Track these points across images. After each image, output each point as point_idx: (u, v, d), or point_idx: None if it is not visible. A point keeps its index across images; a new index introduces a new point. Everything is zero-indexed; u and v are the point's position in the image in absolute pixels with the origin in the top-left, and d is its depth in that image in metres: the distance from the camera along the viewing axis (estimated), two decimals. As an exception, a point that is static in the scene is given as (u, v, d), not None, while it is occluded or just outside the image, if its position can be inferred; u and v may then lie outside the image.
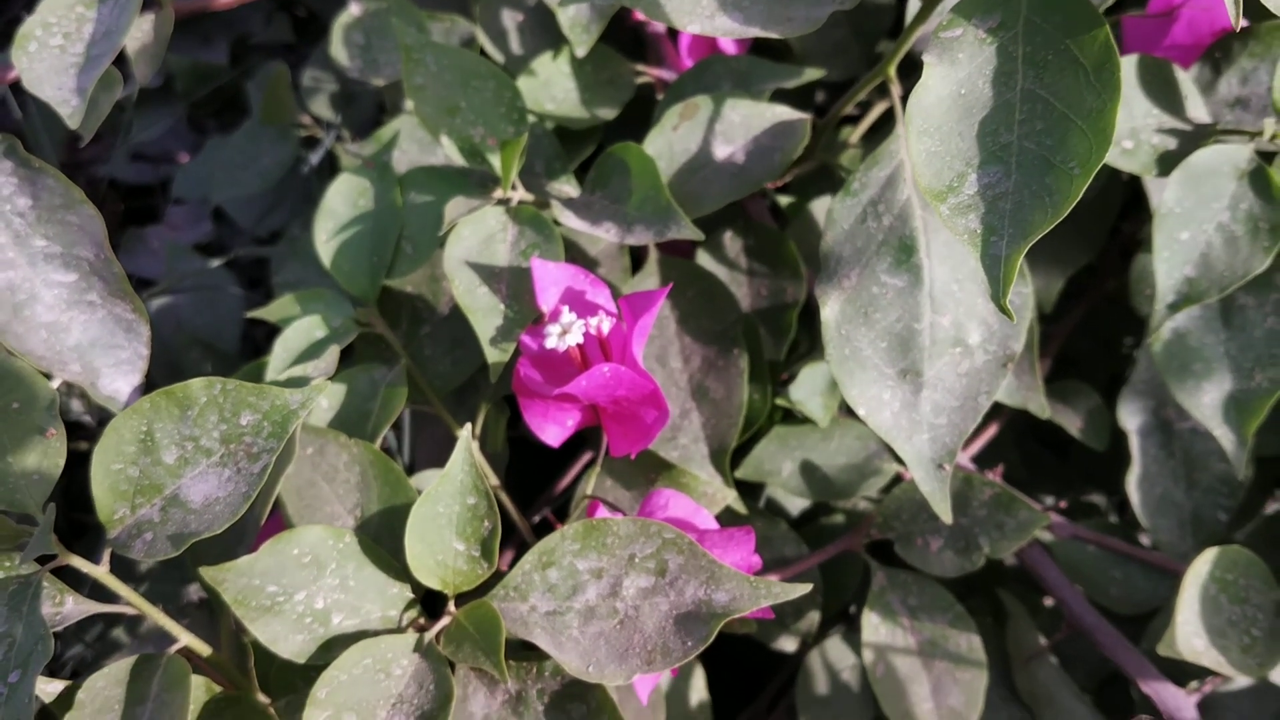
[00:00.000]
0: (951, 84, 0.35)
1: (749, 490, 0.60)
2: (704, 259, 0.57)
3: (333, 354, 0.47)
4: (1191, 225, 0.45)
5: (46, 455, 0.40)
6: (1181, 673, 0.52)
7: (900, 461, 0.55)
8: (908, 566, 0.53)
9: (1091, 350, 0.67)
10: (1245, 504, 0.58)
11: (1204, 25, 0.54)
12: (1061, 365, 0.66)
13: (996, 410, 0.60)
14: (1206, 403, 0.49)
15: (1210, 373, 0.49)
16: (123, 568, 0.62)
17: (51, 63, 0.48)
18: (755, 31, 0.39)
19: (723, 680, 0.61)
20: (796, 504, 0.63)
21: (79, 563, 0.39)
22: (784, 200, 0.60)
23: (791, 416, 0.58)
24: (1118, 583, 0.56)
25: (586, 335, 0.46)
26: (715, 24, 0.39)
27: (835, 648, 0.57)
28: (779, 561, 0.56)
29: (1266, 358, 0.49)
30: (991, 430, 0.60)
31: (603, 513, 0.46)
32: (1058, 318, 0.63)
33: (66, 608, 0.40)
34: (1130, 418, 0.57)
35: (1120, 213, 0.62)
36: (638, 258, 0.56)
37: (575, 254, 0.55)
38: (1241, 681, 0.53)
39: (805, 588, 0.40)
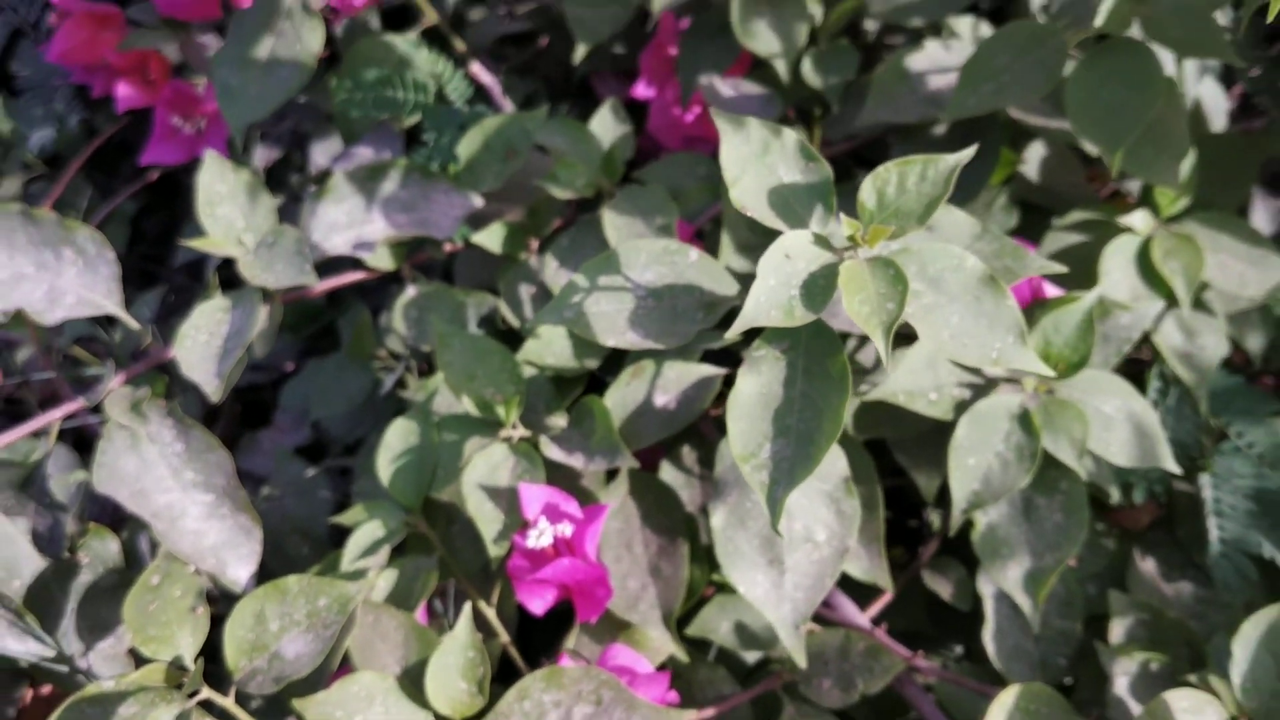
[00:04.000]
0: (757, 385, 0.55)
1: (700, 644, 0.79)
2: (667, 469, 0.78)
3: (385, 551, 0.68)
4: (976, 453, 0.64)
5: (197, 626, 0.61)
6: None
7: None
8: (810, 701, 0.71)
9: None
10: (1079, 650, 0.75)
11: (1023, 297, 0.74)
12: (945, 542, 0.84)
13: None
14: (1011, 577, 0.67)
15: (1014, 555, 0.68)
16: (240, 701, 0.83)
17: (200, 353, 0.72)
18: (651, 344, 0.60)
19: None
20: (752, 654, 0.82)
21: (216, 696, 0.60)
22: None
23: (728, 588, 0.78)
24: (981, 712, 0.73)
25: (556, 538, 0.66)
26: (626, 338, 0.61)
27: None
28: (718, 698, 0.74)
29: (1053, 543, 0.67)
30: (886, 597, 0.78)
31: (565, 661, 0.66)
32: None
33: (207, 728, 0.61)
34: (985, 585, 0.74)
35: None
36: (615, 469, 0.77)
37: (565, 470, 0.75)
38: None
39: (707, 713, 0.59)
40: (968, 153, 0.52)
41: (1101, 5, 0.65)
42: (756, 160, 0.56)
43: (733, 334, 0.51)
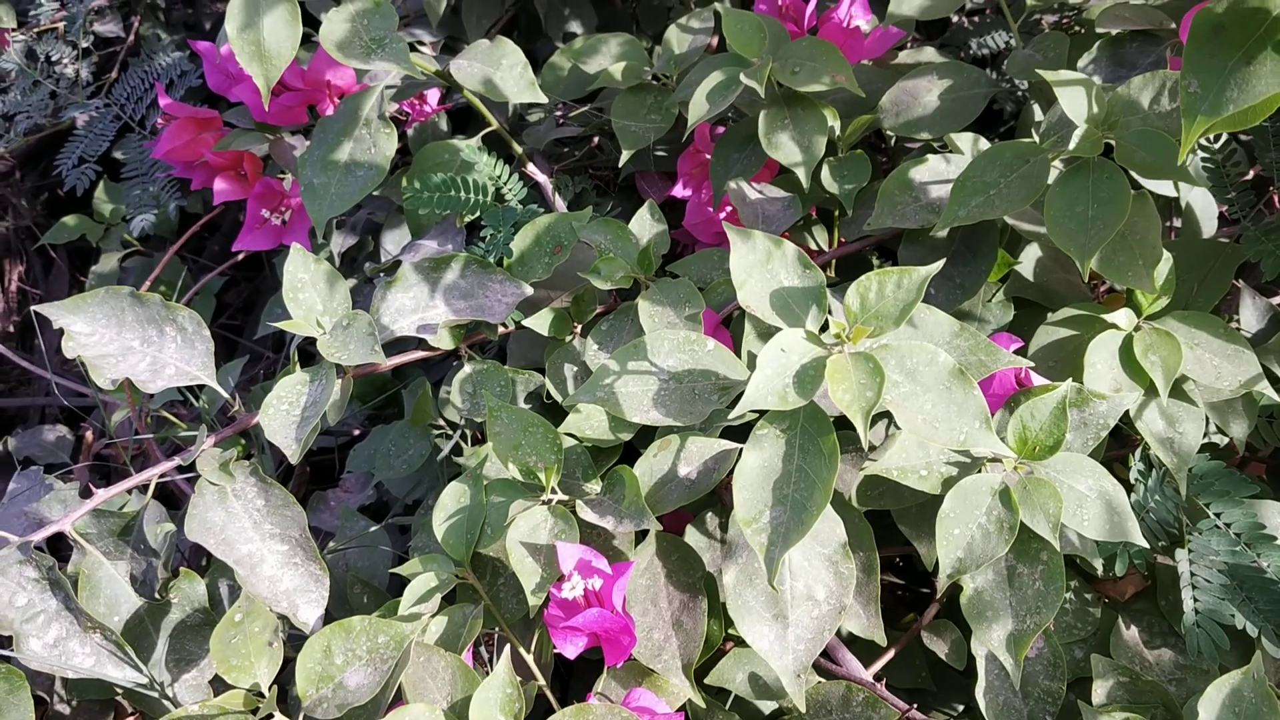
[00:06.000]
0: (760, 459, 0.64)
1: (718, 693, 0.87)
2: (691, 532, 0.86)
3: (437, 599, 0.78)
4: (961, 524, 0.72)
5: (273, 658, 0.71)
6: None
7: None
8: (818, 745, 0.79)
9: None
10: (1065, 709, 0.82)
11: (1009, 386, 0.82)
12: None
13: (895, 639, 0.86)
14: (995, 638, 0.75)
15: (998, 618, 0.75)
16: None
17: (281, 420, 0.82)
18: (672, 421, 0.69)
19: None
20: (766, 705, 0.89)
21: (287, 720, 0.69)
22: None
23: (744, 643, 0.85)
24: (971, 764, 0.80)
25: (586, 591, 0.75)
26: (650, 416, 0.70)
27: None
28: (736, 743, 0.82)
29: (1034, 608, 0.75)
30: (889, 654, 0.86)
31: (592, 699, 0.74)
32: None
33: (278, 748, 0.70)
34: (977, 647, 0.82)
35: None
36: (644, 530, 0.85)
37: (599, 530, 0.84)
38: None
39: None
40: (936, 266, 0.62)
41: (1075, 132, 0.74)
42: (761, 267, 0.65)
43: (735, 415, 0.60)
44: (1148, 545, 0.77)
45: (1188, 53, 0.54)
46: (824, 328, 0.63)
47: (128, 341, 0.85)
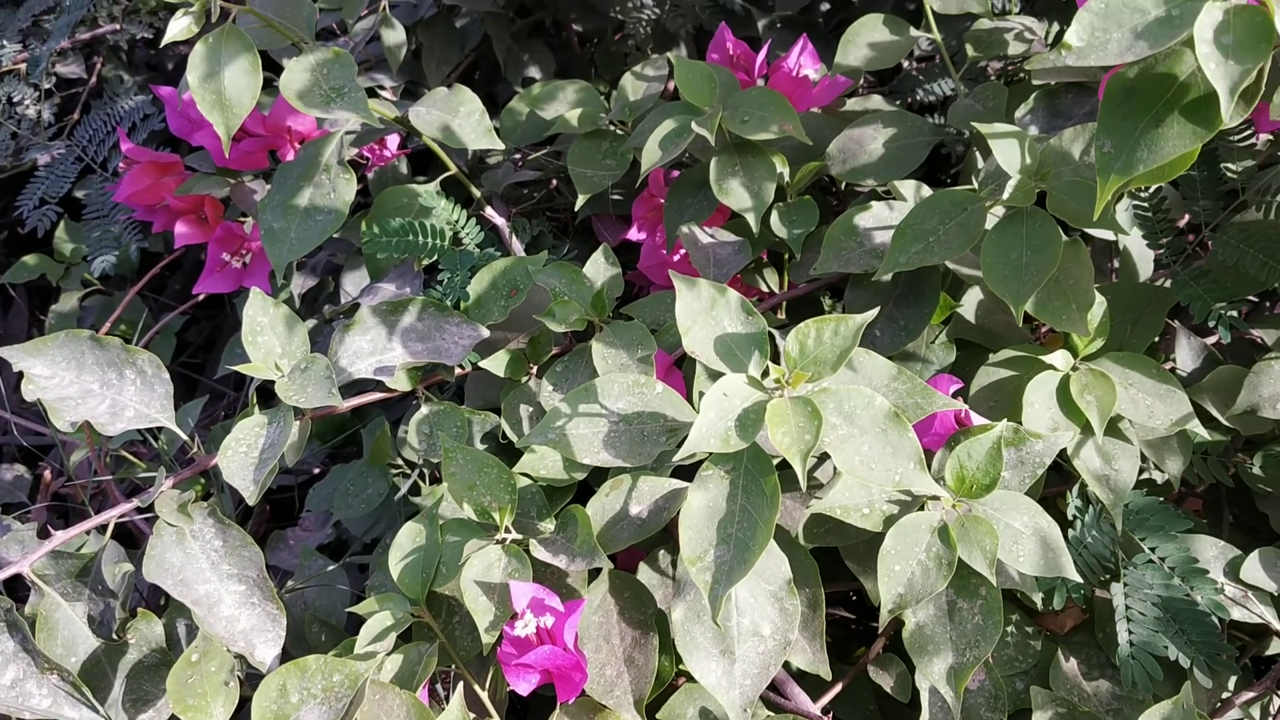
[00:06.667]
0: (705, 500, 0.66)
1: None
2: (644, 569, 0.88)
3: (392, 638, 0.79)
4: (901, 561, 0.75)
5: (229, 697, 0.72)
6: None
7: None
8: (764, 779, 0.81)
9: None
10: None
11: (950, 425, 0.84)
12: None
13: (840, 674, 0.88)
14: (936, 671, 0.77)
15: (939, 652, 0.77)
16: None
17: (239, 462, 0.83)
18: (621, 462, 0.72)
19: None
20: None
21: (243, 759, 0.70)
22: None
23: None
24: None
25: (538, 628, 0.76)
26: (600, 457, 0.72)
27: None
28: (684, 776, 0.84)
29: (973, 642, 0.77)
30: (836, 688, 0.88)
31: (544, 737, 0.76)
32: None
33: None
34: (921, 680, 0.84)
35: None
36: (599, 568, 0.87)
37: (553, 568, 0.86)
38: None
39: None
40: (870, 314, 0.64)
41: (1009, 182, 0.77)
42: (705, 314, 0.68)
43: (679, 458, 0.62)
44: (1082, 580, 0.79)
45: (1102, 114, 0.57)
46: (766, 373, 0.66)
47: (87, 384, 0.86)
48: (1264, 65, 0.50)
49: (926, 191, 0.94)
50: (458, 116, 1.01)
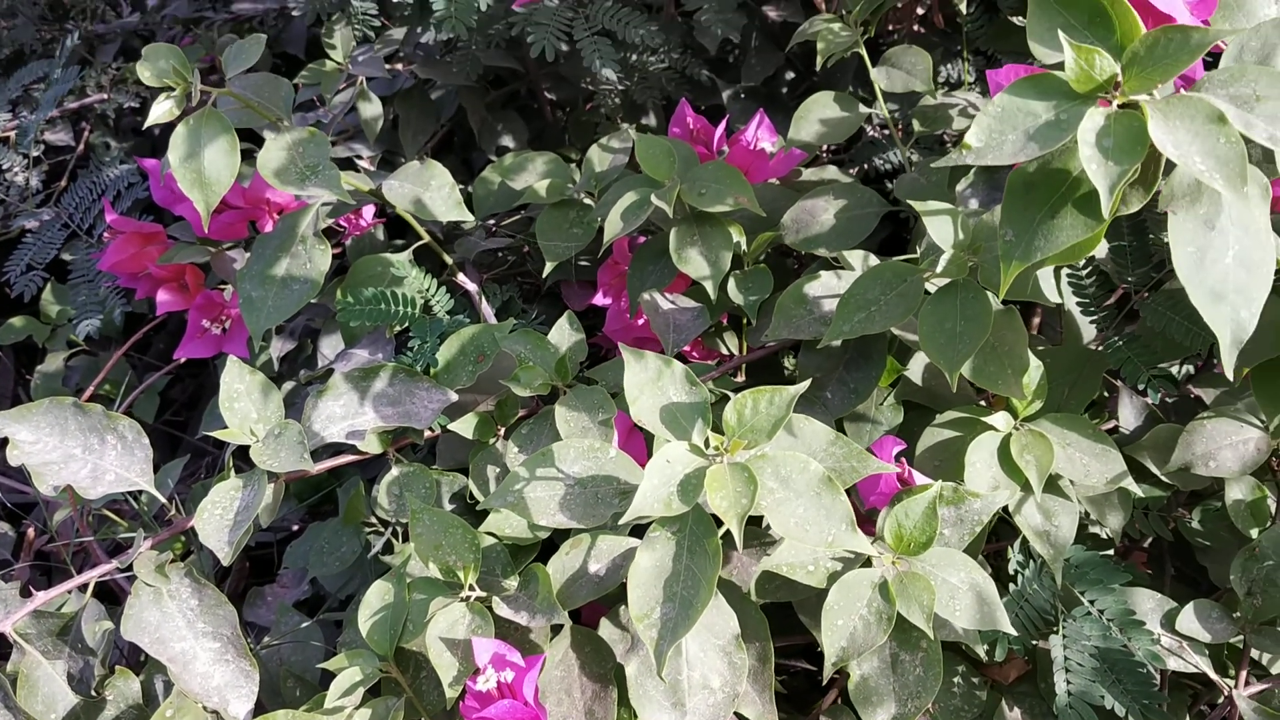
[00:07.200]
0: (653, 560, 0.70)
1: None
2: (605, 625, 0.92)
3: (360, 693, 0.82)
4: (844, 615, 0.79)
5: (201, 752, 0.75)
6: None
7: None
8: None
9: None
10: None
11: (893, 485, 0.89)
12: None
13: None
14: (879, 722, 0.81)
15: (883, 703, 0.81)
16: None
17: (215, 524, 0.87)
18: (576, 524, 0.76)
19: None
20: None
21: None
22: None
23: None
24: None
25: (500, 683, 0.80)
26: (556, 519, 0.76)
27: None
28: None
29: (915, 693, 0.81)
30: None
31: (503, 787, 0.79)
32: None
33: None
34: (869, 730, 0.88)
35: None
36: (561, 624, 0.91)
37: (516, 624, 0.89)
38: None
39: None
40: (802, 387, 0.69)
41: (942, 257, 0.82)
42: (652, 384, 0.72)
43: (624, 521, 0.66)
44: (1016, 633, 0.83)
45: (1004, 205, 0.61)
46: (709, 441, 0.70)
47: (70, 449, 0.90)
48: (1139, 164, 0.55)
49: (874, 261, 0.98)
50: (429, 190, 1.06)
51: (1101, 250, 1.00)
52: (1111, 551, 1.01)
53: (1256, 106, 0.55)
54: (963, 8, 1.05)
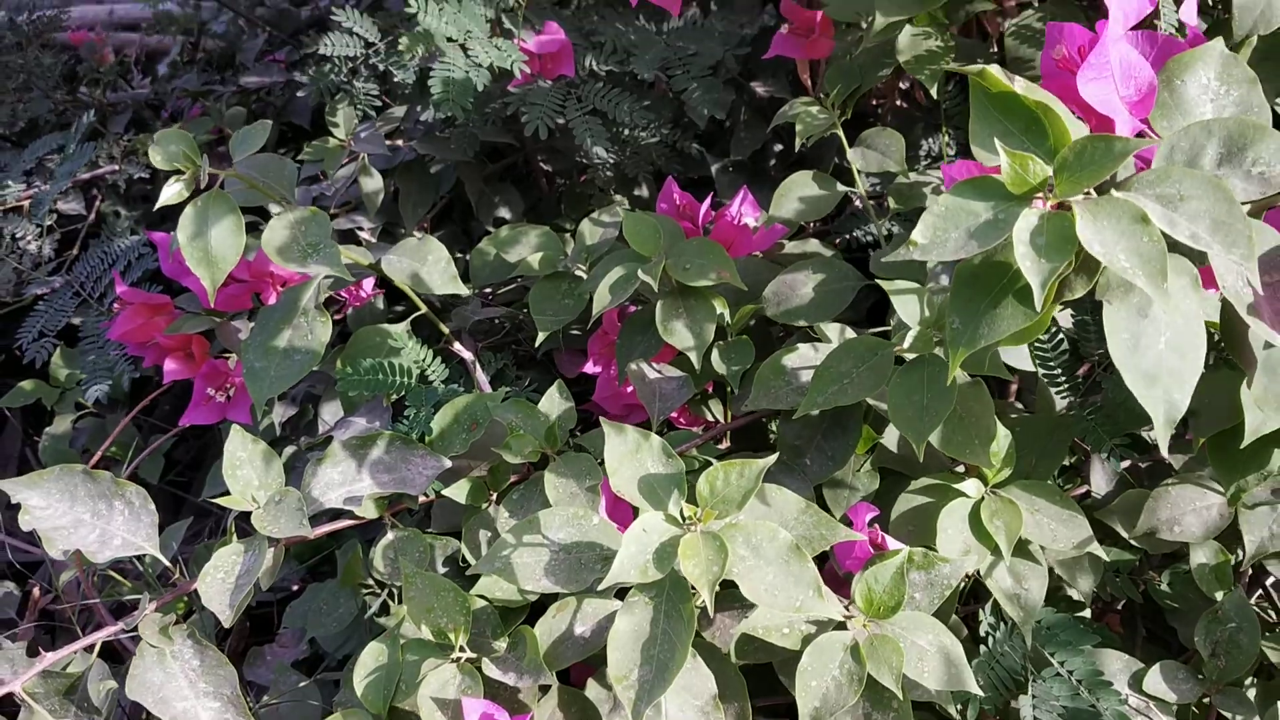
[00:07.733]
0: (631, 624, 0.74)
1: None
2: (592, 686, 0.95)
3: (355, 751, 0.86)
4: (818, 677, 0.82)
5: (200, 808, 0.79)
6: None
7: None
8: None
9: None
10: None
11: (867, 550, 0.92)
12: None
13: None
14: (852, 780, 0.84)
15: (855, 761, 0.84)
16: None
17: (217, 588, 0.91)
18: (560, 589, 0.79)
19: None
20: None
21: None
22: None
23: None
24: None
25: (488, 741, 0.84)
26: (541, 584, 0.80)
27: None
28: None
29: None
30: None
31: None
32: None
33: None
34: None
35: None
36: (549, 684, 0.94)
37: (505, 684, 0.93)
38: None
39: None
40: (769, 460, 0.73)
41: (908, 334, 0.87)
42: (631, 456, 0.76)
43: (603, 587, 0.70)
44: (985, 694, 0.87)
45: (951, 294, 0.66)
46: (683, 511, 0.74)
47: (79, 515, 0.94)
48: (1070, 260, 0.59)
49: (850, 334, 1.03)
50: (426, 265, 1.11)
51: (1070, 322, 1.05)
52: (1085, 613, 1.04)
53: (1180, 206, 0.60)
54: (933, 92, 1.10)
